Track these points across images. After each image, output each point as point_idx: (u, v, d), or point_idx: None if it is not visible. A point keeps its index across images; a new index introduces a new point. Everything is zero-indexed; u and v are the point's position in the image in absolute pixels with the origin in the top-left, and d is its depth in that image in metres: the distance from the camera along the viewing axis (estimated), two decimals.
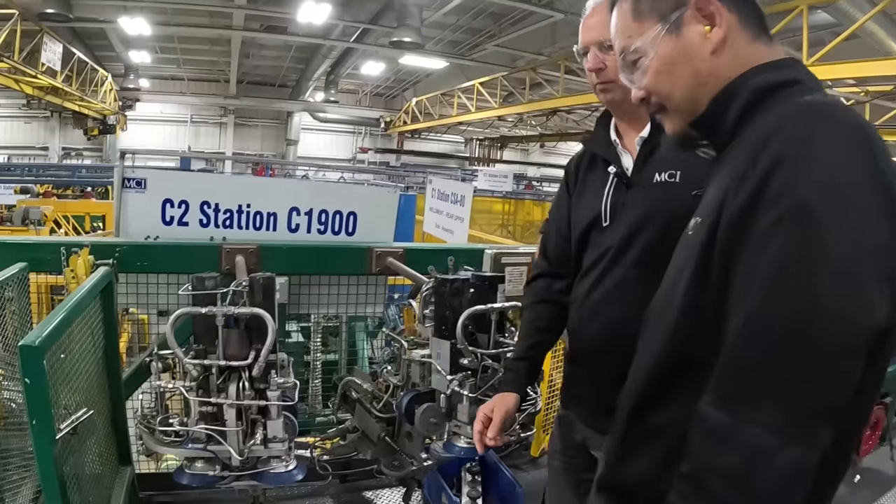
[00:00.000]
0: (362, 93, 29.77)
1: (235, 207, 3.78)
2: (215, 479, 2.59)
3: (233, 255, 3.36)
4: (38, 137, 26.67)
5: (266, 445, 2.54)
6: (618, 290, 1.99)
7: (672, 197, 1.90)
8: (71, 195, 15.77)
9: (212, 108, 28.33)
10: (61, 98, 20.80)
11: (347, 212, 3.94)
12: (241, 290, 2.59)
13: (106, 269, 3.31)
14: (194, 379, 2.49)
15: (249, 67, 25.65)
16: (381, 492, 4.16)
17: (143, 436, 2.64)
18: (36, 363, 2.18)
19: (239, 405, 2.45)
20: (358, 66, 24.35)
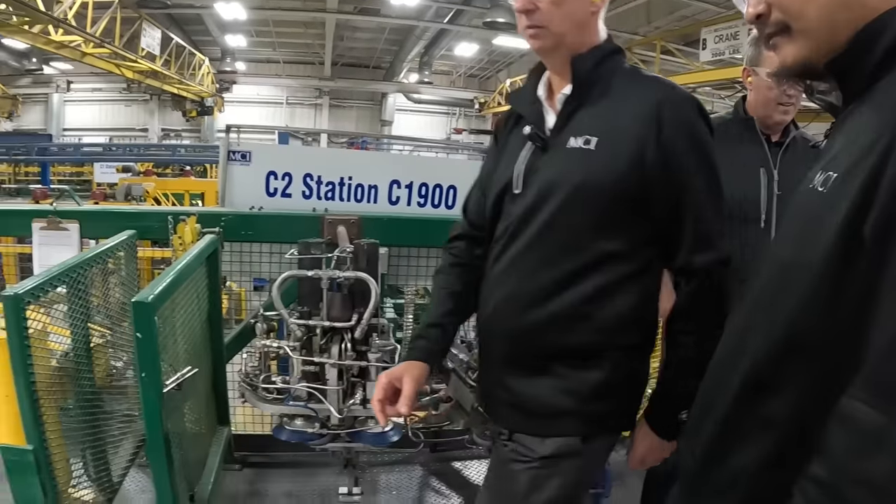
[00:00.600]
0: (456, 74, 29.73)
1: (337, 180, 3.87)
2: (314, 436, 2.69)
3: (335, 226, 3.45)
4: (138, 119, 27.78)
5: (364, 406, 2.63)
6: (513, 266, 1.86)
7: (583, 166, 1.74)
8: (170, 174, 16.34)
9: (307, 89, 28.82)
10: (160, 81, 21.58)
11: (447, 185, 3.98)
12: (344, 257, 2.68)
13: (212, 236, 3.47)
14: (298, 339, 2.60)
15: (344, 49, 25.96)
16: (470, 463, 4.22)
17: (246, 393, 2.77)
18: (147, 318, 2.32)
19: (340, 365, 2.55)
20: (451, 47, 24.34)
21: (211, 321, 3.54)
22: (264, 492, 3.90)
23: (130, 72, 19.37)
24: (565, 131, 1.79)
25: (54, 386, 2.61)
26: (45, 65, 25.56)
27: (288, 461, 4.12)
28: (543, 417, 1.87)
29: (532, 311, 1.83)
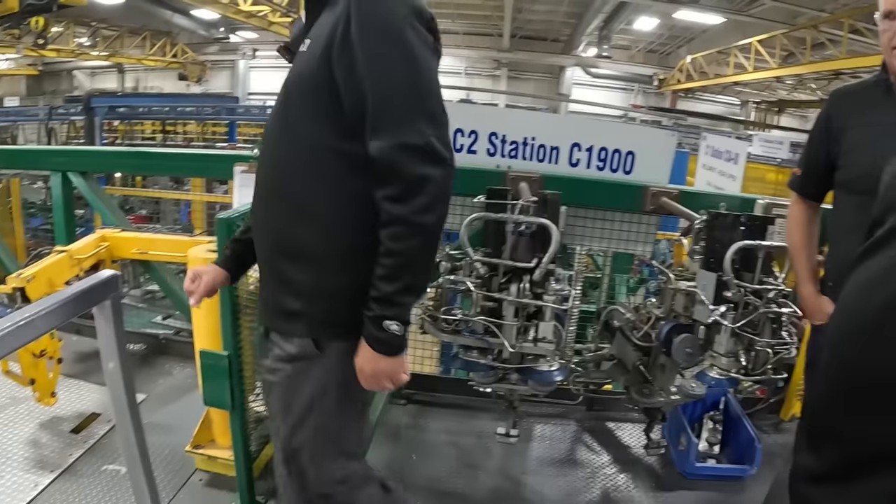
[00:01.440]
0: (635, 48, 28.92)
1: (521, 140, 4.03)
2: (486, 367, 2.90)
3: (517, 182, 3.63)
4: None
5: (535, 344, 2.81)
6: (261, 163, 2.08)
7: (299, 65, 1.92)
8: None
9: (485, 61, 28.97)
10: None
11: (626, 151, 4.06)
12: (528, 205, 2.85)
13: None
14: (480, 277, 2.82)
15: (522, 22, 25.92)
16: (623, 426, 4.34)
17: (425, 324, 3.01)
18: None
19: (518, 303, 2.74)
20: (631, 20, 23.67)
21: None
22: (425, 426, 4.20)
23: None
24: (304, 41, 1.91)
25: (251, 305, 2.97)
26: (231, 34, 27.32)
27: (450, 402, 4.40)
28: (281, 318, 1.96)
29: (264, 206, 1.98)
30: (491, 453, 3.98)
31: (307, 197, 1.88)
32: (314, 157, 1.86)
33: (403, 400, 4.37)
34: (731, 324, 2.79)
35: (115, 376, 1.61)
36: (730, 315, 2.81)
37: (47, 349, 3.70)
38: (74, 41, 23.30)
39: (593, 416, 4.45)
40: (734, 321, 2.80)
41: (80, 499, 3.41)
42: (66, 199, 5.32)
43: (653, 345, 3.20)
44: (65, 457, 3.74)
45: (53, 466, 3.61)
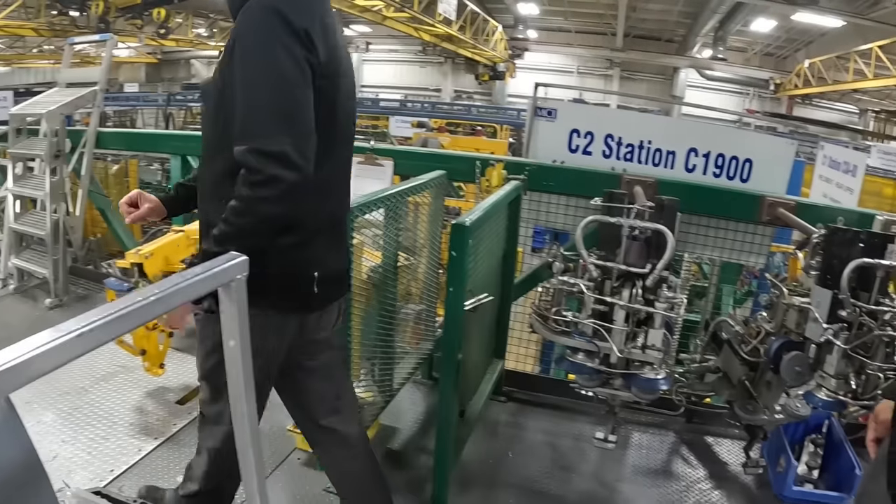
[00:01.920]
0: (751, 51, 27.88)
1: (637, 143, 3.99)
2: (593, 370, 2.89)
3: (632, 185, 3.60)
4: (431, 80, 29.27)
5: (643, 351, 2.78)
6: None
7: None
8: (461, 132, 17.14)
9: (597, 60, 28.59)
10: (455, 45, 22.61)
11: (743, 158, 3.96)
12: (644, 210, 2.83)
13: (517, 182, 3.78)
14: (592, 279, 2.81)
15: (636, 21, 25.48)
16: (722, 441, 4.20)
17: (535, 324, 3.02)
18: (464, 239, 2.66)
19: (629, 308, 2.72)
20: (747, 22, 22.78)
21: (506, 259, 3.86)
22: (524, 425, 4.18)
23: (427, 35, 20.48)
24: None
25: (362, 293, 3.03)
26: (345, 27, 27.81)
27: (550, 402, 4.37)
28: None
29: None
30: (586, 457, 3.94)
31: (215, 185, 2.13)
32: (218, 155, 2.08)
33: (504, 397, 4.39)
34: (844, 344, 2.69)
35: (235, 354, 1.64)
36: (843, 335, 2.70)
37: (160, 323, 3.85)
38: (193, 32, 24.23)
39: (692, 428, 4.35)
40: (847, 342, 2.69)
41: (181, 468, 3.51)
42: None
43: (761, 360, 3.11)
44: (168, 426, 3.89)
45: (157, 434, 3.77)
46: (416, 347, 3.88)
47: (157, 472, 3.48)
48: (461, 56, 25.54)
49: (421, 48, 27.23)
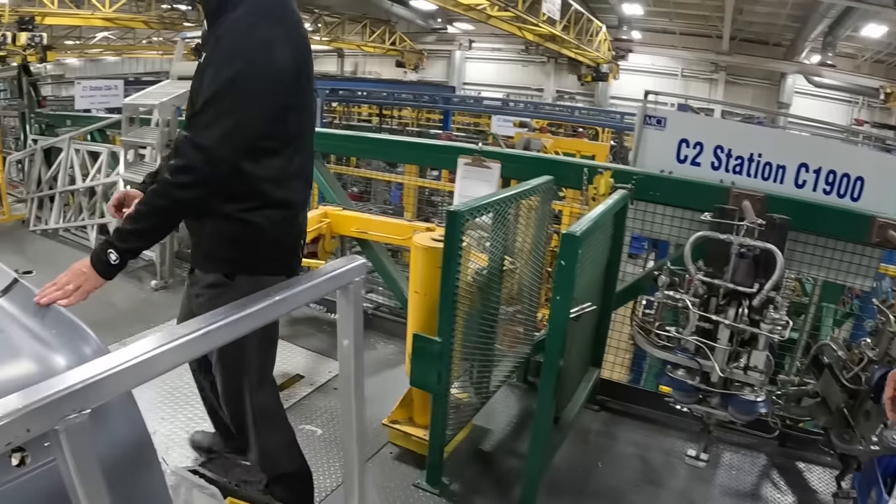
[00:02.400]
0: (861, 58, 26.59)
1: (746, 155, 3.89)
2: (693, 388, 2.85)
3: (740, 199, 3.51)
4: (534, 80, 29.08)
5: (745, 372, 2.73)
6: None
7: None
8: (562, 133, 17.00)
9: (702, 63, 27.79)
10: (558, 45, 22.42)
11: (855, 176, 3.81)
12: (753, 227, 2.78)
13: (624, 192, 3.75)
14: (698, 296, 2.77)
15: (742, 24, 24.65)
16: (814, 468, 4.06)
17: (637, 336, 3.00)
18: (573, 249, 2.67)
19: (734, 328, 2.68)
20: (858, 27, 21.65)
21: (609, 269, 3.85)
22: (615, 436, 4.14)
23: (531, 34, 20.38)
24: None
25: (468, 295, 3.07)
26: (449, 24, 28.02)
27: (642, 414, 4.32)
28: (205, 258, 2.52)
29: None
30: (676, 473, 3.88)
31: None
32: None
33: (597, 406, 4.37)
34: None
35: (349, 352, 1.76)
36: None
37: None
38: None
39: (785, 452, 4.22)
40: None
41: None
42: None
43: (861, 388, 3.01)
44: None
45: None
46: (513, 351, 3.90)
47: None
48: (564, 56, 25.31)
49: (524, 47, 27.12)
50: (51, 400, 1.04)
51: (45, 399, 1.04)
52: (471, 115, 20.73)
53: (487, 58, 29.46)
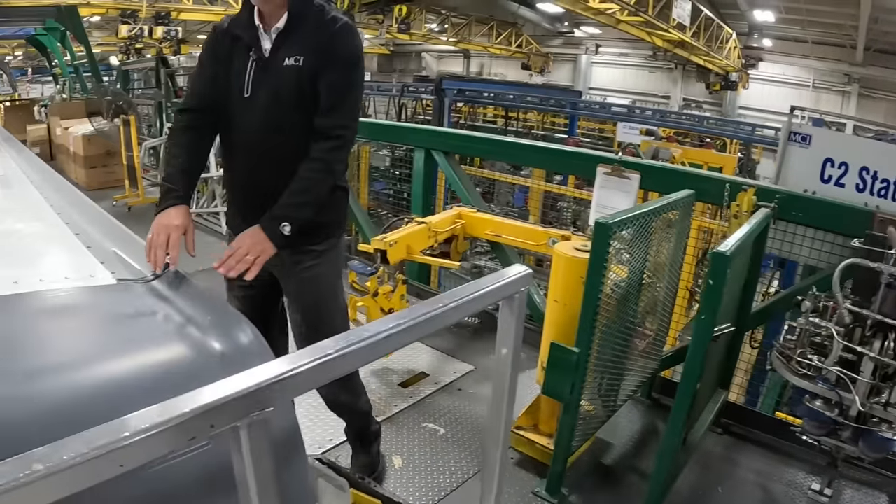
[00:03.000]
0: None
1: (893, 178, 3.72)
2: (829, 420, 2.77)
3: (885, 224, 3.37)
4: (660, 86, 28.46)
5: (886, 408, 2.63)
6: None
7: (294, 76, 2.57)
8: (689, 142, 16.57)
9: (834, 74, 26.48)
10: (687, 52, 21.92)
11: None
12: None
13: (767, 210, 3.66)
14: (843, 325, 2.69)
15: (878, 33, 23.15)
16: None
17: (775, 362, 2.93)
18: (723, 268, 2.64)
19: (878, 361, 2.59)
20: None
21: (746, 289, 3.77)
22: (737, 461, 4.04)
23: (660, 40, 20.01)
24: (280, 52, 2.56)
25: (607, 307, 3.08)
26: (576, 28, 27.78)
27: (766, 442, 4.20)
28: (319, 228, 2.73)
29: (267, 164, 2.63)
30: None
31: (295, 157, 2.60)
32: (301, 134, 2.60)
33: (720, 429, 4.28)
34: None
35: (505, 361, 1.77)
36: None
37: (396, 308, 4.10)
38: (426, 27, 25.22)
39: None
40: None
41: (398, 446, 3.77)
42: (426, 174, 5.84)
43: None
44: (390, 406, 4.13)
45: (378, 412, 3.92)
46: (642, 366, 3.88)
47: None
48: (692, 63, 24.68)
49: (651, 53, 26.56)
50: (239, 396, 1.07)
51: (232, 396, 1.06)
52: (596, 121, 20.51)
53: (614, 63, 29.06)
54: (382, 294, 4.10)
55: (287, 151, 2.59)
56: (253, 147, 2.65)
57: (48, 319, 1.70)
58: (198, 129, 2.70)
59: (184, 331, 1.61)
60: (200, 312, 1.70)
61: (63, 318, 1.72)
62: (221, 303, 1.79)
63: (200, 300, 1.79)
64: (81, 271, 2.01)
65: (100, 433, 0.94)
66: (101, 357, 1.48)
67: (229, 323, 1.61)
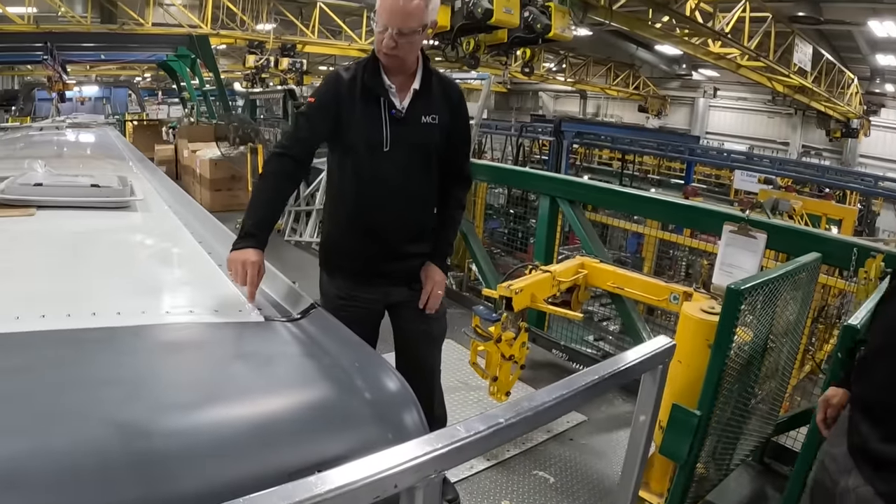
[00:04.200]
0: None
1: None
2: None
3: None
4: (779, 132, 27.56)
5: None
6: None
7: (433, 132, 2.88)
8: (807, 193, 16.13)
9: None
10: (807, 97, 21.18)
11: None
12: None
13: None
14: None
15: None
16: None
17: None
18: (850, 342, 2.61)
19: None
20: None
21: None
22: None
23: (780, 85, 19.52)
24: (416, 110, 2.80)
25: (731, 370, 3.04)
26: (694, 71, 27.33)
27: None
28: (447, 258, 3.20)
29: (405, 203, 2.90)
30: None
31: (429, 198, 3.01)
32: (435, 179, 2.96)
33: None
34: None
35: (643, 428, 1.82)
36: None
37: (516, 355, 4.17)
38: (544, 66, 25.47)
39: None
40: None
41: (508, 491, 3.78)
42: (551, 221, 5.91)
43: None
44: (501, 450, 4.12)
45: (489, 455, 3.98)
46: (758, 429, 3.85)
47: (483, 491, 3.77)
48: (812, 109, 23.86)
49: (770, 97, 25.92)
50: (424, 460, 1.13)
51: (419, 459, 1.13)
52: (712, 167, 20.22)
53: (731, 107, 28.42)
54: (505, 340, 4.13)
55: (419, 194, 2.91)
56: (387, 192, 2.84)
57: (202, 352, 1.82)
58: (293, 177, 2.89)
59: (333, 374, 1.66)
60: (348, 355, 1.76)
61: (215, 353, 1.81)
62: (366, 346, 1.86)
63: (346, 342, 1.88)
64: (229, 306, 2.10)
65: (297, 488, 1.01)
66: (254, 394, 1.58)
67: (377, 369, 1.68)
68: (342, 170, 2.90)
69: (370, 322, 3.07)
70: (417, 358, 3.13)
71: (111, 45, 18.47)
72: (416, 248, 2.98)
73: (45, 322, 1.80)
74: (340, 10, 20.09)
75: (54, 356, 1.64)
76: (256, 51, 19.83)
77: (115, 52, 20.97)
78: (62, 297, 2.01)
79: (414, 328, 3.11)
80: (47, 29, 15.90)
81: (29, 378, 1.52)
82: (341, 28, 20.46)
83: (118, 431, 1.31)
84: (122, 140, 8.46)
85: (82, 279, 2.30)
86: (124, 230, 3.05)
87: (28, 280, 2.25)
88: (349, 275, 3.00)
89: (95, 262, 2.56)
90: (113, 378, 1.54)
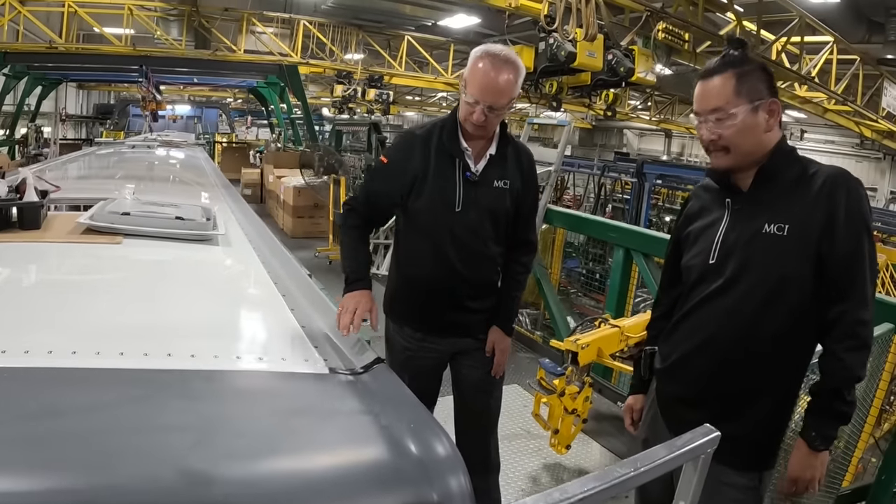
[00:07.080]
0: None
1: None
2: None
3: None
4: (867, 177, 26.49)
5: None
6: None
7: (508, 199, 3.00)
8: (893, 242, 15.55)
9: None
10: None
11: None
12: None
13: None
14: None
15: None
16: None
17: None
18: None
19: None
20: None
21: None
22: None
23: (868, 130, 18.98)
24: (490, 174, 2.92)
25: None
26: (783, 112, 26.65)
27: None
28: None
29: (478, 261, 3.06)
30: None
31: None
32: (503, 243, 3.08)
33: None
34: None
35: None
36: None
37: (579, 409, 4.18)
38: (629, 104, 25.39)
39: None
40: None
41: None
42: (624, 273, 5.92)
43: None
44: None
45: None
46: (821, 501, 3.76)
47: None
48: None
49: (859, 141, 25.22)
50: None
51: None
52: None
53: (819, 150, 27.67)
54: (568, 394, 4.14)
55: (488, 256, 3.00)
56: (456, 252, 2.93)
57: (268, 402, 1.85)
58: (364, 230, 3.09)
59: (388, 433, 1.66)
60: (404, 416, 1.77)
61: (280, 404, 1.85)
62: (421, 408, 1.86)
63: (404, 402, 1.90)
64: (297, 354, 2.12)
65: None
66: (311, 448, 1.63)
67: (430, 432, 1.69)
68: (412, 226, 3.00)
69: (434, 373, 3.20)
70: (476, 405, 3.22)
71: (204, 70, 19.20)
72: (482, 304, 3.07)
73: (123, 360, 1.88)
74: (427, 43, 20.47)
75: (131, 395, 1.71)
76: (344, 80, 20.29)
77: (207, 77, 21.83)
78: (140, 335, 2.08)
79: (475, 376, 3.17)
80: (143, 52, 16.68)
81: (105, 416, 1.59)
82: (427, 61, 20.80)
83: (183, 476, 1.37)
84: (209, 163, 8.71)
85: (160, 315, 2.38)
86: (204, 265, 3.14)
87: (110, 313, 2.34)
88: (417, 327, 3.08)
89: (174, 297, 2.64)
90: (182, 423, 1.60)
